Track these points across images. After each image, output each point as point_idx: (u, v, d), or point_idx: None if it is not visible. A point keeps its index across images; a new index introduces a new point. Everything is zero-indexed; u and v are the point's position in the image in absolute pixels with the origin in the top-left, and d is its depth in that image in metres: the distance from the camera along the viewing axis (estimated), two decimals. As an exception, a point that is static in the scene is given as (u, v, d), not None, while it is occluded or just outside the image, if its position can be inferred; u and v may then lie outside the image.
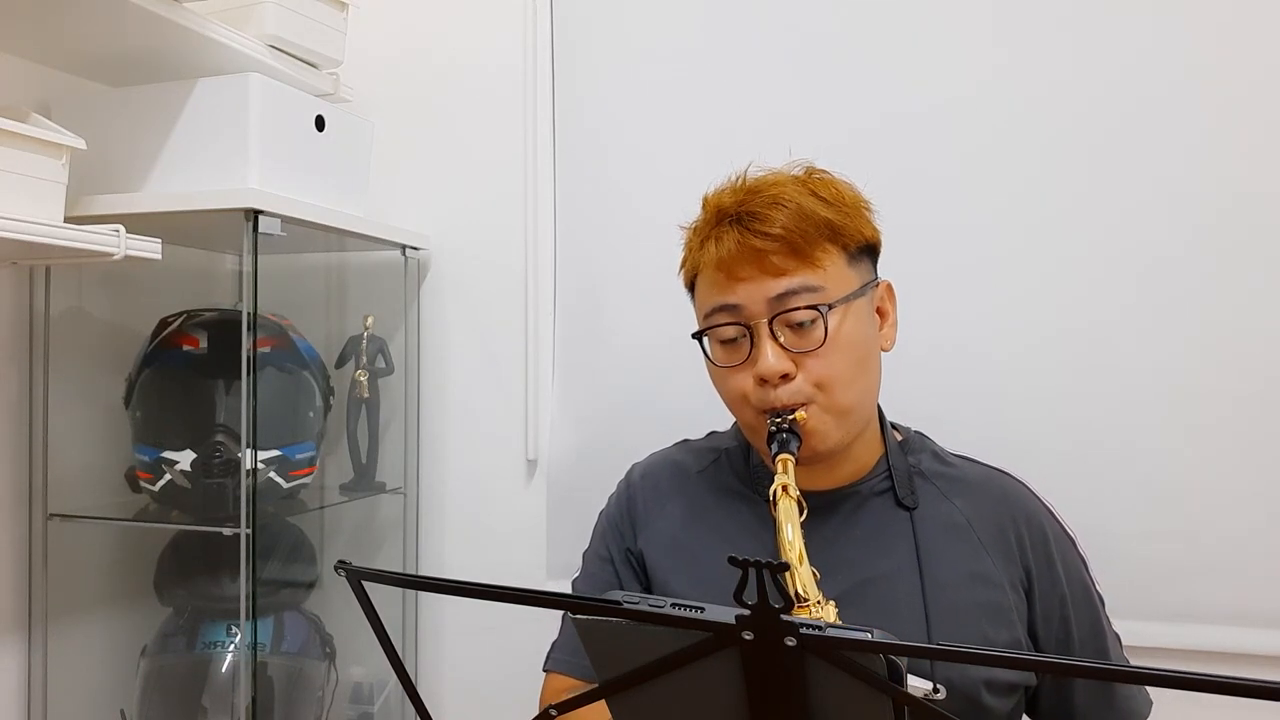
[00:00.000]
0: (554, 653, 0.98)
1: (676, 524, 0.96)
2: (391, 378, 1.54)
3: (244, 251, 1.18)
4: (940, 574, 0.86)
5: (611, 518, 1.02)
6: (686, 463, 1.01)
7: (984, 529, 0.89)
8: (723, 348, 0.88)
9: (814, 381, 0.83)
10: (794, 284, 0.83)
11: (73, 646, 1.35)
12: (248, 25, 1.28)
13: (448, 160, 1.57)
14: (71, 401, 1.34)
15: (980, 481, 0.93)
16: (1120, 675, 0.43)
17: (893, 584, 0.85)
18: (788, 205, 0.84)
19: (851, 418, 0.86)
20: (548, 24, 1.49)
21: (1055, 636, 0.88)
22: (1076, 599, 0.89)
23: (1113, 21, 1.21)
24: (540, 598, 0.53)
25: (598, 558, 1.01)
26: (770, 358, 0.82)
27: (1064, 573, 0.89)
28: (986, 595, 0.85)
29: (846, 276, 0.86)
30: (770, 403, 0.83)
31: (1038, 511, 0.92)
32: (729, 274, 0.85)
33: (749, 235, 0.83)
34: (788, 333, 0.83)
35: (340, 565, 0.58)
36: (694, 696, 0.56)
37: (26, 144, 0.99)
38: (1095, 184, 1.22)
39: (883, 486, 0.91)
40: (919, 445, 0.96)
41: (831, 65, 1.33)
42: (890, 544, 0.87)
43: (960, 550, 0.87)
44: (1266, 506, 1.16)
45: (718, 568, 0.88)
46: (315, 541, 1.50)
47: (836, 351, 0.83)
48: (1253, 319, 1.17)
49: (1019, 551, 0.88)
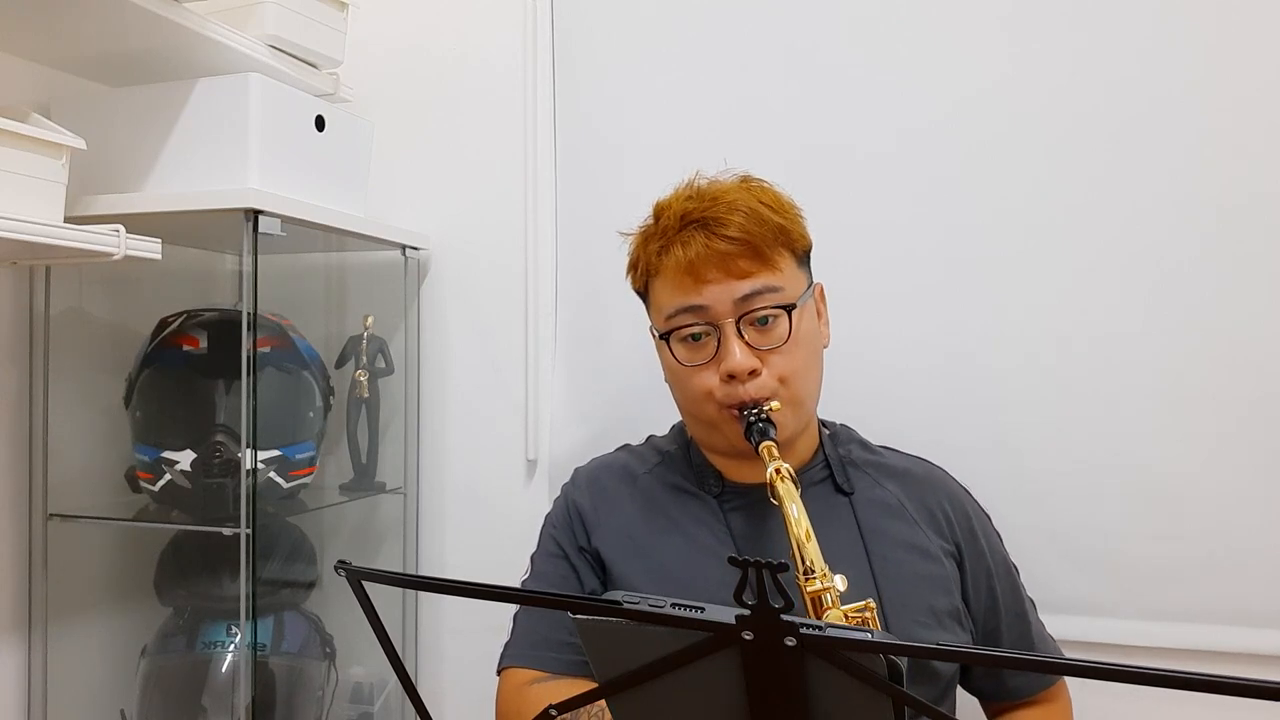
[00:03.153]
0: (507, 651, 1.00)
1: (631, 519, 1.00)
2: (391, 378, 1.54)
3: (244, 251, 1.18)
4: (884, 550, 0.93)
5: (560, 519, 1.05)
6: (631, 464, 1.06)
7: (916, 508, 0.97)
8: (686, 347, 0.92)
9: (778, 376, 0.89)
10: (758, 285, 0.89)
11: (73, 646, 1.35)
12: (248, 25, 1.28)
13: (448, 160, 1.57)
14: (71, 401, 1.34)
15: (906, 468, 1.02)
16: (1120, 675, 0.43)
17: (843, 562, 0.90)
18: (744, 210, 0.89)
19: (805, 408, 0.94)
20: (548, 23, 1.49)
21: (984, 603, 0.97)
22: (999, 570, 0.99)
23: (1114, 25, 1.21)
24: (540, 598, 0.53)
25: (548, 555, 1.03)
26: (739, 355, 0.88)
27: (986, 546, 0.99)
28: (926, 567, 0.94)
29: (798, 277, 0.93)
30: (739, 397, 0.89)
31: (958, 494, 1.02)
32: (696, 276, 0.89)
33: (715, 239, 0.88)
34: (752, 330, 0.89)
35: (340, 565, 0.58)
36: (694, 696, 0.56)
37: (26, 144, 0.99)
38: (1095, 186, 1.22)
39: (821, 475, 0.98)
40: (846, 437, 1.05)
41: (833, 64, 1.33)
42: (836, 527, 0.94)
43: (898, 528, 0.95)
44: (1266, 506, 1.15)
45: (675, 559, 0.95)
46: (315, 541, 1.50)
47: (797, 348, 0.90)
48: (1253, 320, 1.17)
49: (948, 528, 0.97)
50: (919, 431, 1.12)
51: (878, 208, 1.30)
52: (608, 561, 0.98)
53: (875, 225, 1.30)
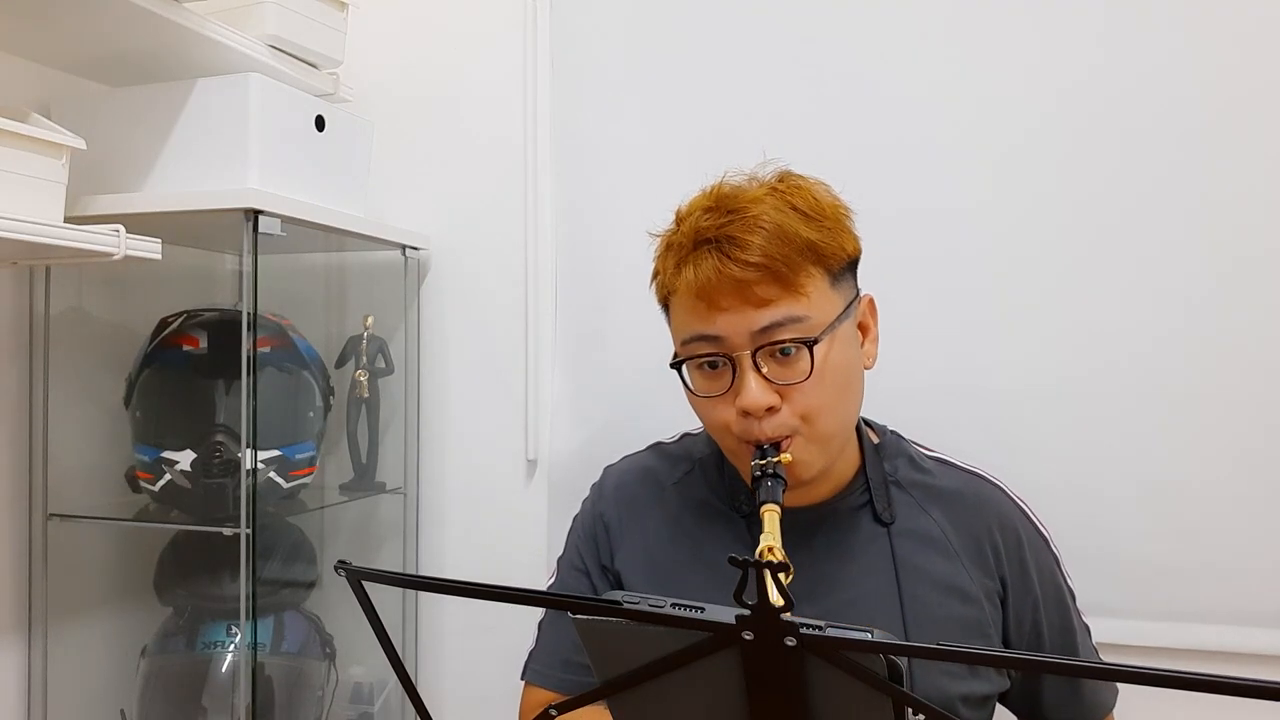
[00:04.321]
0: (531, 663, 0.98)
1: (653, 541, 0.95)
2: (391, 378, 1.54)
3: (244, 251, 1.18)
4: (918, 589, 0.86)
5: (587, 529, 1.01)
6: (661, 472, 0.99)
7: (960, 541, 0.88)
8: (702, 375, 0.84)
9: (799, 413, 0.80)
10: (778, 315, 0.79)
11: (73, 646, 1.35)
12: (248, 25, 1.28)
13: (448, 160, 1.57)
14: (71, 401, 1.34)
15: (956, 489, 0.92)
16: (1119, 675, 0.43)
17: (872, 600, 0.85)
18: (767, 227, 0.79)
19: (835, 443, 0.85)
20: (548, 24, 1.49)
21: (1026, 639, 0.89)
22: (1048, 600, 0.90)
23: (1115, 28, 1.21)
24: (540, 598, 0.53)
25: (573, 568, 1.00)
26: (755, 392, 0.79)
27: (1037, 576, 0.90)
28: (963, 610, 0.86)
29: (830, 299, 0.82)
30: (754, 435, 0.80)
31: (1011, 515, 0.92)
32: (709, 303, 0.80)
33: (729, 263, 0.78)
34: (771, 363, 0.80)
35: (340, 565, 0.58)
36: (694, 696, 0.56)
37: (26, 144, 0.99)
38: (1095, 186, 1.22)
39: (860, 501, 0.90)
40: (895, 449, 0.94)
41: (832, 69, 1.33)
42: (870, 561, 0.87)
43: (937, 564, 0.87)
44: (1266, 506, 1.15)
45: (696, 587, 0.88)
46: (315, 541, 1.50)
47: (822, 382, 0.80)
48: (1253, 320, 1.17)
49: (994, 561, 0.89)
50: (919, 431, 1.12)
51: (877, 213, 1.30)
52: (627, 585, 0.95)
53: (875, 228, 1.29)
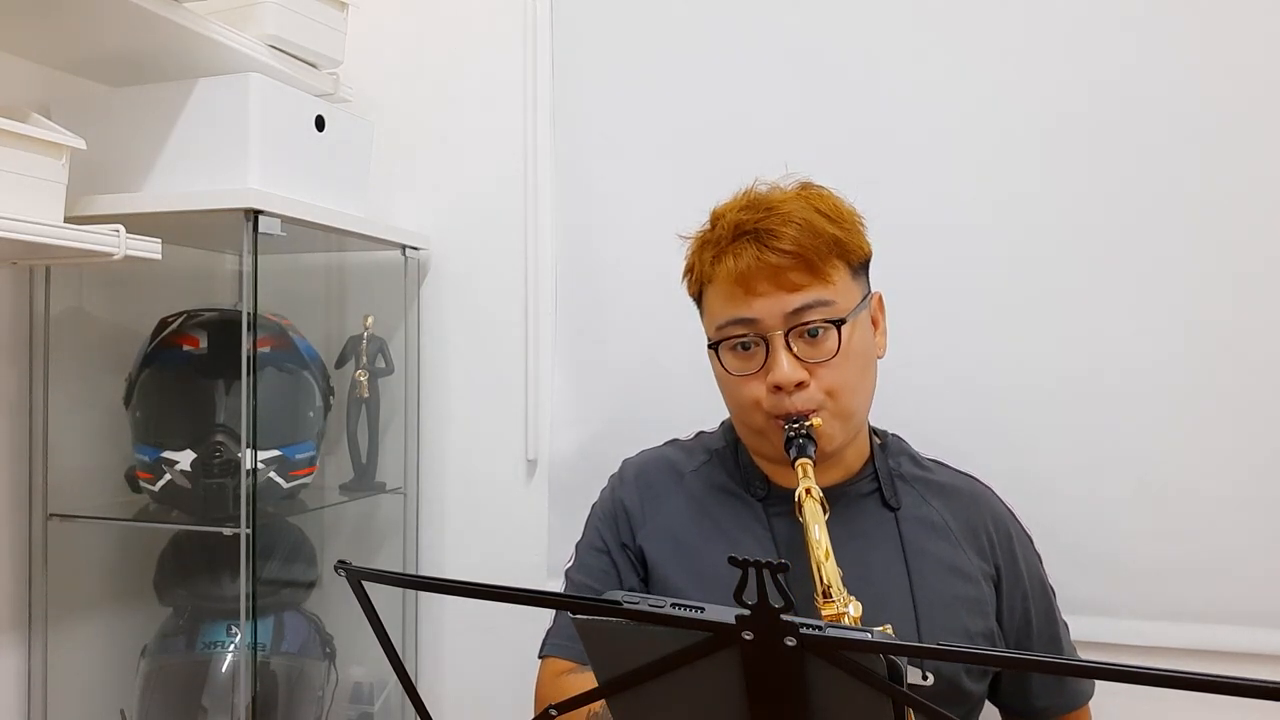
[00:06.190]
0: (549, 639, 1.02)
1: (676, 520, 1.00)
2: (391, 378, 1.54)
3: (244, 251, 1.18)
4: (924, 569, 0.93)
5: (607, 511, 1.05)
6: (679, 461, 1.06)
7: (960, 528, 0.97)
8: (736, 356, 0.92)
9: (825, 389, 0.89)
10: (809, 299, 0.89)
11: (73, 646, 1.35)
12: (248, 25, 1.28)
13: (448, 160, 1.57)
14: (71, 401, 1.34)
15: (953, 486, 1.01)
16: (1120, 675, 0.43)
17: (883, 578, 0.92)
18: (798, 222, 0.89)
19: (854, 421, 0.94)
20: (547, 24, 1.49)
21: (1017, 626, 0.97)
22: (1035, 595, 0.99)
23: (1129, 33, 1.21)
24: (540, 598, 0.53)
25: (592, 548, 1.04)
26: (787, 368, 0.88)
27: (1025, 570, 0.99)
28: (965, 589, 0.94)
29: (851, 290, 0.92)
30: (785, 409, 0.89)
31: (1002, 515, 1.01)
32: (747, 289, 0.90)
33: (766, 251, 0.88)
34: (800, 343, 0.89)
35: (340, 565, 0.58)
36: (694, 696, 0.56)
37: (26, 144, 0.99)
38: (1095, 186, 1.22)
39: (869, 488, 0.98)
40: (897, 449, 1.04)
41: (830, 72, 1.33)
42: (879, 541, 0.95)
43: (940, 548, 0.95)
44: (1266, 506, 1.16)
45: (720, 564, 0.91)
46: (315, 541, 1.50)
47: (846, 361, 0.90)
48: (1253, 320, 1.17)
49: (990, 550, 0.97)
50: (921, 431, 1.12)
51: (876, 212, 1.30)
52: (651, 562, 0.99)
53: (877, 230, 1.29)
